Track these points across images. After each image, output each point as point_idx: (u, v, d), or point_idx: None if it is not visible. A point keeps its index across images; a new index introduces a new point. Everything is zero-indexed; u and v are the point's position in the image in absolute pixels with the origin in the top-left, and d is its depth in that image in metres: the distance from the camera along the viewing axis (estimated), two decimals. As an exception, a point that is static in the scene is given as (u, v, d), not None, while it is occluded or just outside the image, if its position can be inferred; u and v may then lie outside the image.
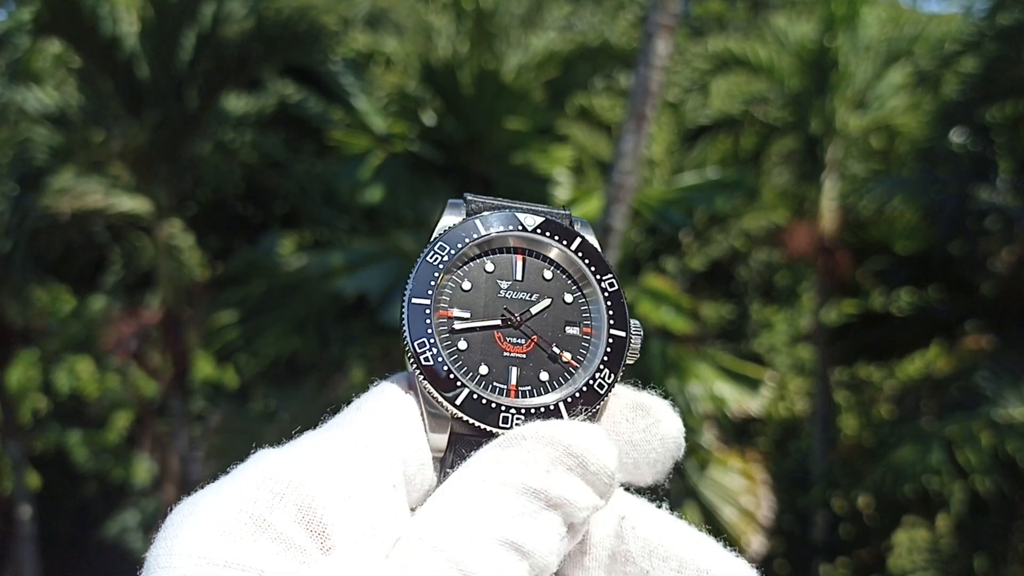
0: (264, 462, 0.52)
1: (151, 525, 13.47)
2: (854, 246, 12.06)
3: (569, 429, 0.57)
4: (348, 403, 0.61)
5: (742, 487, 9.23)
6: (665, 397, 0.65)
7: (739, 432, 12.44)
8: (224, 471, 0.56)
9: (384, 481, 0.54)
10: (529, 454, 0.56)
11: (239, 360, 13.12)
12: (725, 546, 0.60)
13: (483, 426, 0.60)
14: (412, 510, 0.58)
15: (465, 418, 0.61)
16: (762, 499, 9.28)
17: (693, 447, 9.00)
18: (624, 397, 0.65)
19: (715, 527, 8.91)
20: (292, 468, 0.51)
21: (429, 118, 9.71)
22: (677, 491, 8.93)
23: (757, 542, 9.07)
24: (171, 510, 0.52)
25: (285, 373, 12.27)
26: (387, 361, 10.22)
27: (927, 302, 12.09)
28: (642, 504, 0.62)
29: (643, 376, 9.20)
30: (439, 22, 10.88)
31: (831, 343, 12.48)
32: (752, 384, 9.27)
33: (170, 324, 10.30)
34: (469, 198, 0.69)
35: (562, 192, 9.61)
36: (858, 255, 12.17)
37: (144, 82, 9.74)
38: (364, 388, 0.63)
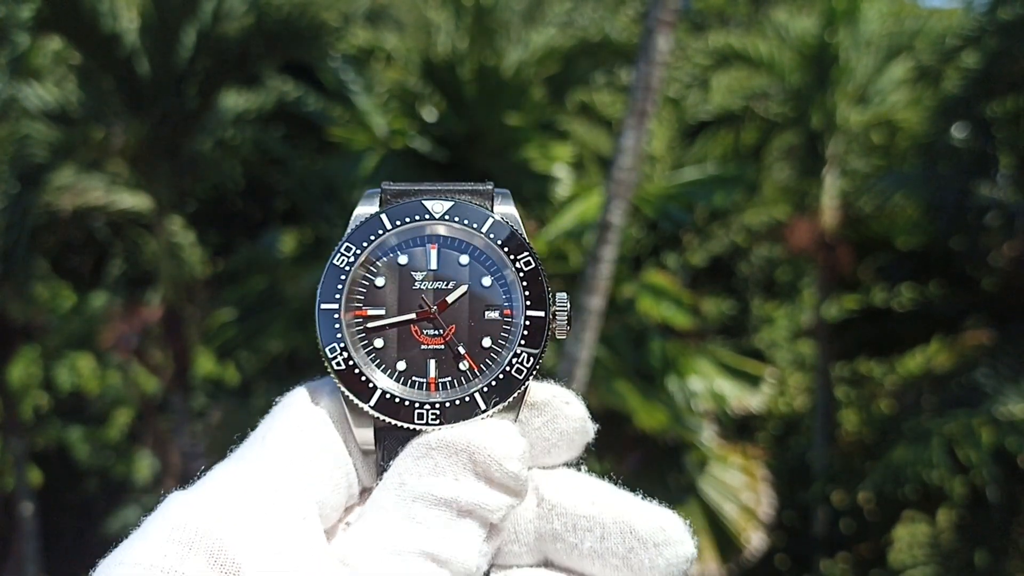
0: (172, 511, 0.53)
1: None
2: (855, 241, 12.05)
3: (472, 435, 0.57)
4: (264, 417, 0.63)
5: (743, 483, 9.23)
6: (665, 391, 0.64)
7: (740, 428, 12.44)
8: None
9: (293, 513, 0.55)
10: (437, 464, 0.57)
11: (240, 357, 13.12)
12: (727, 541, 0.60)
13: (403, 425, 0.60)
14: (347, 512, 0.60)
15: (384, 419, 0.60)
16: (763, 495, 9.29)
17: (693, 444, 9.01)
18: (539, 391, 0.64)
19: (716, 524, 8.92)
20: (199, 515, 0.52)
21: (429, 114, 9.70)
22: (678, 488, 8.93)
23: (758, 538, 9.07)
24: (91, 573, 0.52)
25: (286, 369, 12.27)
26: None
27: (928, 297, 12.09)
28: (556, 479, 0.62)
29: (644, 372, 9.15)
30: (439, 18, 10.87)
31: (832, 338, 12.48)
32: (752, 381, 9.28)
33: (171, 321, 10.30)
34: (384, 187, 0.68)
35: (562, 188, 9.60)
36: (859, 250, 12.16)
37: (144, 79, 9.74)
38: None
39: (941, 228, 10.92)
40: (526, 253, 0.64)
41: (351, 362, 0.62)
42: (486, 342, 0.63)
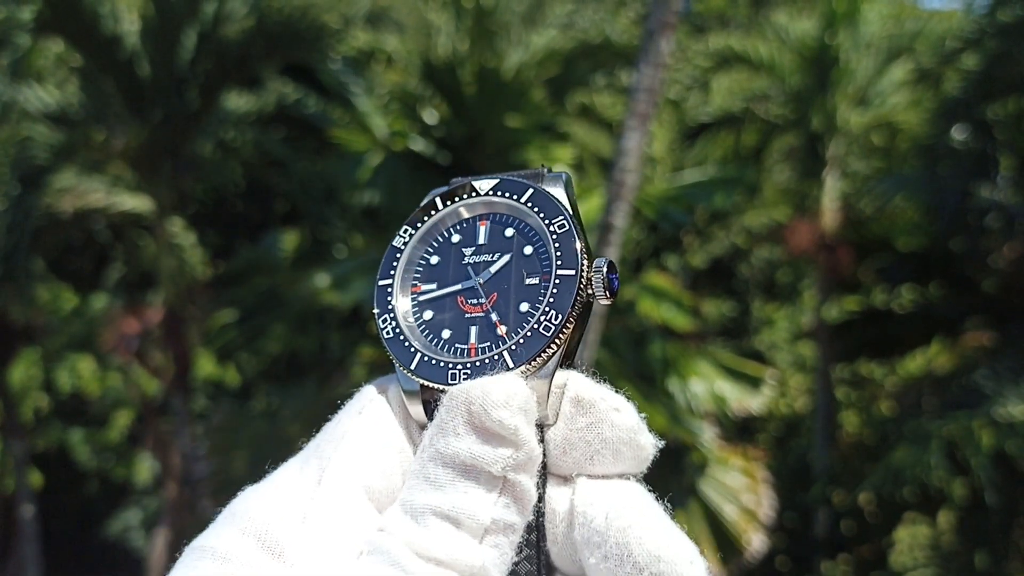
0: (234, 502, 0.59)
1: (153, 524, 13.49)
2: (855, 243, 12.06)
3: (469, 386, 0.58)
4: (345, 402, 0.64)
5: (743, 485, 9.23)
6: (667, 395, 0.63)
7: (740, 429, 12.44)
8: (225, 469, 0.60)
9: (341, 501, 0.58)
10: (443, 421, 0.58)
11: (240, 358, 13.13)
12: (728, 543, 0.60)
13: (436, 385, 0.62)
14: None
15: (421, 381, 0.62)
16: (763, 497, 9.28)
17: (694, 446, 9.01)
18: (570, 390, 0.62)
19: (717, 526, 8.92)
20: (252, 504, 0.58)
21: (430, 116, 9.71)
22: (678, 489, 8.93)
23: (758, 540, 9.07)
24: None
25: (286, 371, 12.28)
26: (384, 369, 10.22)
27: (928, 299, 12.09)
28: (593, 486, 0.61)
29: (645, 373, 9.16)
30: (439, 20, 10.87)
31: (832, 340, 12.48)
32: (753, 382, 9.27)
33: (172, 322, 10.30)
34: (451, 181, 0.71)
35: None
36: (859, 252, 12.17)
37: (145, 81, 9.74)
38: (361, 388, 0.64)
39: (941, 230, 10.93)
40: (561, 217, 0.65)
41: (398, 330, 0.65)
42: (523, 307, 0.64)
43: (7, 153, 9.80)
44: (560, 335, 0.61)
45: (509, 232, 0.67)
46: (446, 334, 0.65)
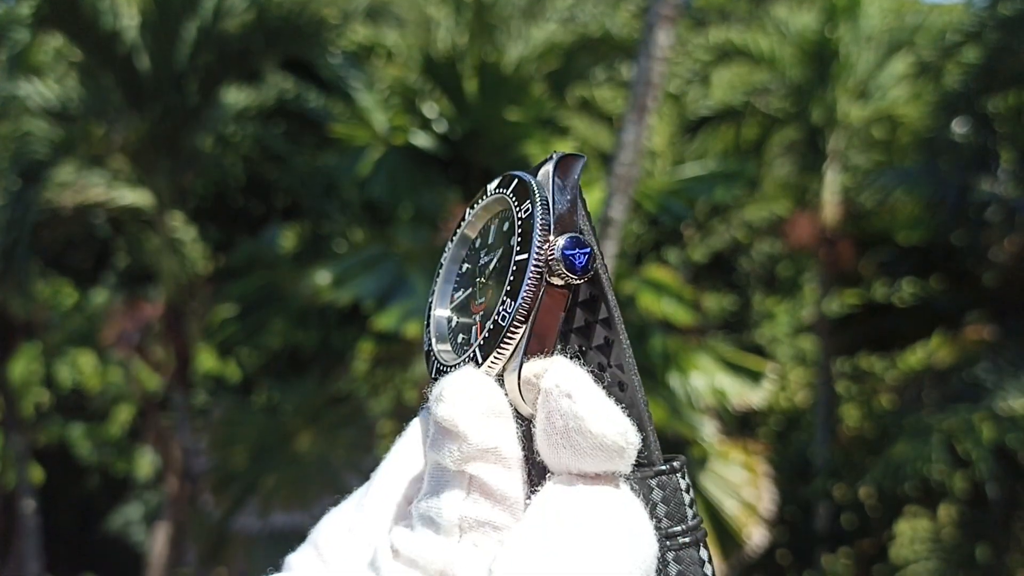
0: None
1: (154, 518, 13.51)
2: (856, 237, 12.05)
3: (434, 388, 0.57)
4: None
5: (744, 479, 9.24)
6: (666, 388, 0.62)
7: (741, 424, 12.44)
8: (226, 463, 0.61)
9: (381, 512, 0.63)
10: (426, 428, 0.59)
11: (241, 353, 13.13)
12: (728, 538, 0.60)
13: None
14: None
15: None
16: (764, 491, 9.29)
17: (694, 440, 9.02)
18: (545, 381, 0.56)
19: (717, 520, 8.93)
20: (322, 521, 0.65)
21: (430, 110, 9.70)
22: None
23: (759, 534, 9.08)
24: None
25: (287, 366, 12.28)
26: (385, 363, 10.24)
27: (929, 293, 12.08)
28: (545, 489, 0.56)
29: (645, 368, 9.16)
30: (439, 14, 10.87)
31: (833, 334, 12.48)
32: (754, 376, 9.27)
33: (172, 317, 10.30)
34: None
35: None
36: (860, 246, 12.16)
37: (145, 75, 9.73)
38: (366, 381, 0.66)
39: (942, 223, 10.93)
40: (527, 201, 0.61)
41: (430, 343, 0.67)
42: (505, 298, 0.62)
43: (7, 148, 9.80)
44: (515, 323, 0.57)
45: (506, 227, 0.65)
46: (460, 338, 0.65)
